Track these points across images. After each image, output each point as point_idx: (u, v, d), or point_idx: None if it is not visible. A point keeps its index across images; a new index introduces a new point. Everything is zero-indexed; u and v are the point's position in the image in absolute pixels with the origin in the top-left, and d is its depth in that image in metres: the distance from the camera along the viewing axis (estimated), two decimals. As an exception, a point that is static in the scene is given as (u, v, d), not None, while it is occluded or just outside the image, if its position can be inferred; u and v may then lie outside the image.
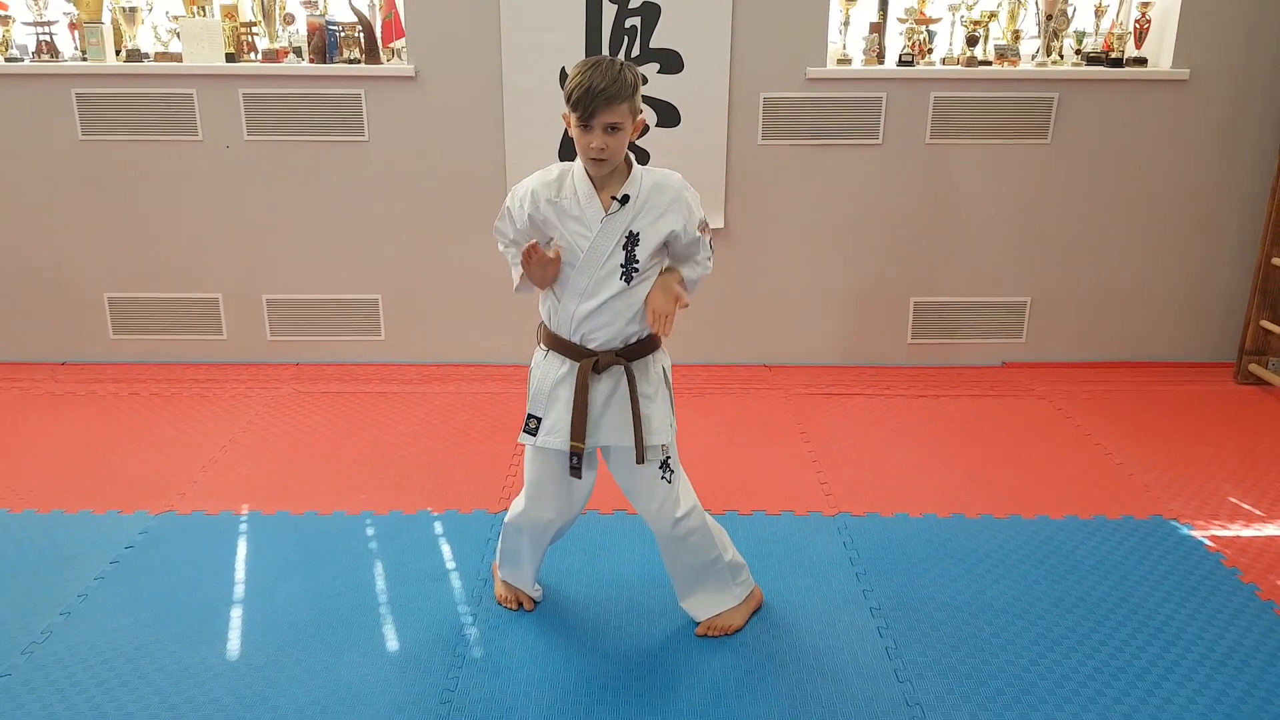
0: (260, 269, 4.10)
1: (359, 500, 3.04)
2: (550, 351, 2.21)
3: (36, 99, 3.85)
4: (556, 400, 2.19)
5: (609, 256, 2.09)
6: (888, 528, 2.90)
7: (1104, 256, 4.15)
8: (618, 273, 2.10)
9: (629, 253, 2.09)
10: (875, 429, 3.61)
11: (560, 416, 2.18)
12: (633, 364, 2.17)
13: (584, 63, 2.01)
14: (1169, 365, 4.26)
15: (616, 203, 2.08)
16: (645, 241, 2.10)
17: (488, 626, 2.42)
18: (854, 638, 2.38)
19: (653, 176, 2.13)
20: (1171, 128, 3.98)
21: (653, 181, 2.12)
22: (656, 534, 2.31)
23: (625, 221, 2.09)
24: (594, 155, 2.03)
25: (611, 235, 2.09)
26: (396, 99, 3.88)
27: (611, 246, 2.09)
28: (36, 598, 2.52)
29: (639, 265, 2.10)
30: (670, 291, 2.12)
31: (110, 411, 3.70)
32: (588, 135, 2.01)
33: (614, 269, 2.10)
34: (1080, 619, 2.47)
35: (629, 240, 2.09)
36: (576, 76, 1.99)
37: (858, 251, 4.11)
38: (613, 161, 2.06)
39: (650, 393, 2.19)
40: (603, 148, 2.01)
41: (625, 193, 2.08)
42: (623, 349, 2.16)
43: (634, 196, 2.09)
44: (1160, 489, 3.17)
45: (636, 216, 2.09)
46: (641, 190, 2.09)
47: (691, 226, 2.13)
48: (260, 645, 2.34)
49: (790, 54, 3.85)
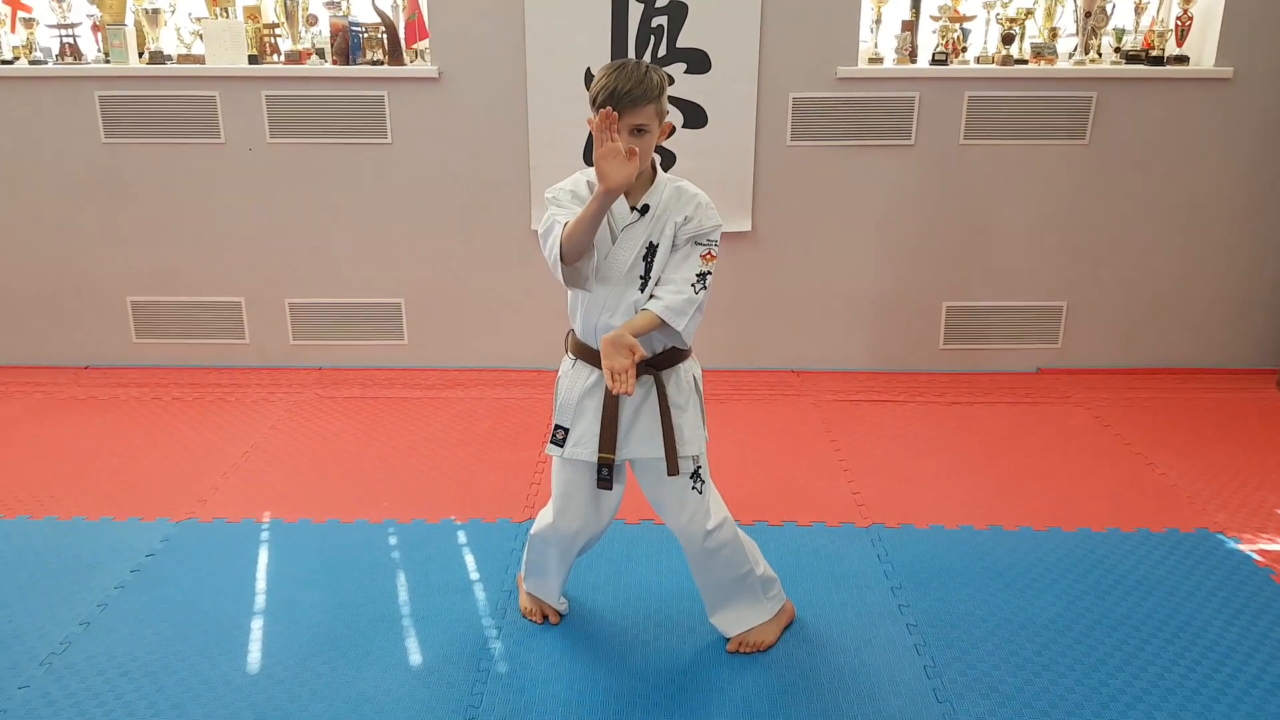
0: (283, 273, 4.07)
1: (381, 508, 2.99)
2: (578, 361, 2.16)
3: (60, 102, 3.84)
4: (584, 411, 2.13)
5: (629, 268, 2.05)
6: (923, 539, 2.82)
7: (1142, 260, 4.04)
8: (637, 284, 2.06)
9: (648, 263, 2.05)
10: (907, 437, 3.52)
11: (588, 427, 2.13)
12: (663, 373, 2.11)
13: (609, 65, 1.97)
14: (1209, 372, 4.14)
15: (636, 213, 2.04)
16: (662, 250, 2.05)
17: (512, 640, 2.35)
18: (891, 655, 2.30)
19: (676, 184, 2.08)
20: (1214, 128, 3.86)
21: (675, 188, 2.07)
22: (686, 547, 2.24)
23: (644, 232, 2.04)
24: None
25: (631, 246, 2.05)
26: (420, 101, 3.83)
27: (631, 258, 2.05)
28: (56, 607, 2.49)
29: (653, 277, 2.05)
30: (621, 344, 1.94)
31: (132, 416, 3.67)
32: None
33: (634, 280, 2.06)
34: (1126, 636, 2.38)
35: (648, 251, 2.05)
36: (601, 79, 1.95)
37: (889, 254, 4.03)
38: (640, 165, 1.99)
39: (682, 402, 2.13)
40: (630, 151, 1.95)
41: (645, 202, 2.04)
42: (651, 358, 2.10)
43: (654, 206, 2.04)
44: (1205, 500, 3.06)
45: (655, 226, 2.05)
46: (662, 199, 2.05)
47: (695, 229, 2.03)
48: (281, 658, 2.29)
49: (820, 53, 3.77)
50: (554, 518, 2.27)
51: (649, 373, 2.10)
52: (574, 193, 2.07)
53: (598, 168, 1.89)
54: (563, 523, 2.25)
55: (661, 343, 2.11)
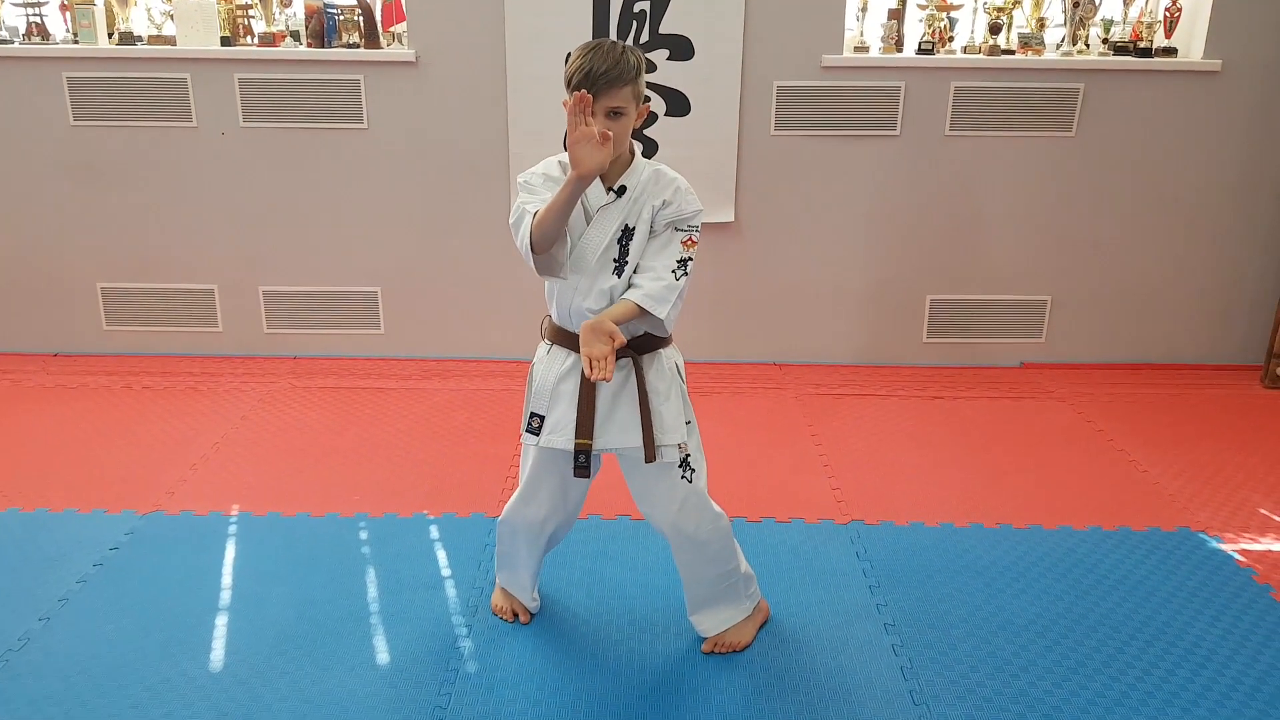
0: (256, 260, 3.99)
1: (353, 502, 2.93)
2: (554, 346, 2.10)
3: (26, 83, 3.74)
4: (560, 396, 2.06)
5: (604, 250, 1.98)
6: (902, 536, 2.78)
7: (1128, 254, 4.01)
8: (610, 266, 1.99)
9: (622, 246, 1.99)
10: (889, 431, 3.48)
11: (564, 413, 2.05)
12: (642, 357, 2.05)
13: (584, 45, 1.91)
14: (1194, 367, 4.12)
15: (612, 194, 1.98)
16: (639, 234, 1.98)
17: (483, 639, 2.30)
18: (867, 655, 2.27)
19: (654, 167, 2.03)
20: (1202, 121, 3.83)
21: (653, 171, 2.02)
22: (674, 540, 2.17)
23: (620, 214, 1.98)
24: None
25: (606, 228, 1.98)
26: (397, 85, 3.76)
27: (606, 240, 1.98)
28: (15, 602, 2.42)
29: (629, 260, 1.99)
30: (601, 330, 1.89)
31: (101, 405, 3.59)
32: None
33: (607, 262, 1.99)
34: (1106, 638, 2.35)
35: (624, 234, 1.99)
36: (576, 60, 1.89)
37: (873, 247, 3.98)
38: (616, 149, 1.93)
39: (663, 388, 2.06)
40: (605, 133, 1.89)
41: (622, 183, 1.98)
42: (631, 340, 2.03)
43: (631, 188, 1.98)
44: (1186, 498, 3.04)
45: (632, 209, 1.99)
46: (640, 182, 1.99)
47: (675, 214, 1.98)
48: (245, 656, 2.23)
49: (805, 41, 3.71)
50: (519, 502, 2.23)
51: (628, 356, 2.03)
52: (546, 175, 2.01)
53: (571, 153, 1.84)
54: (530, 510, 2.21)
55: (642, 327, 2.04)
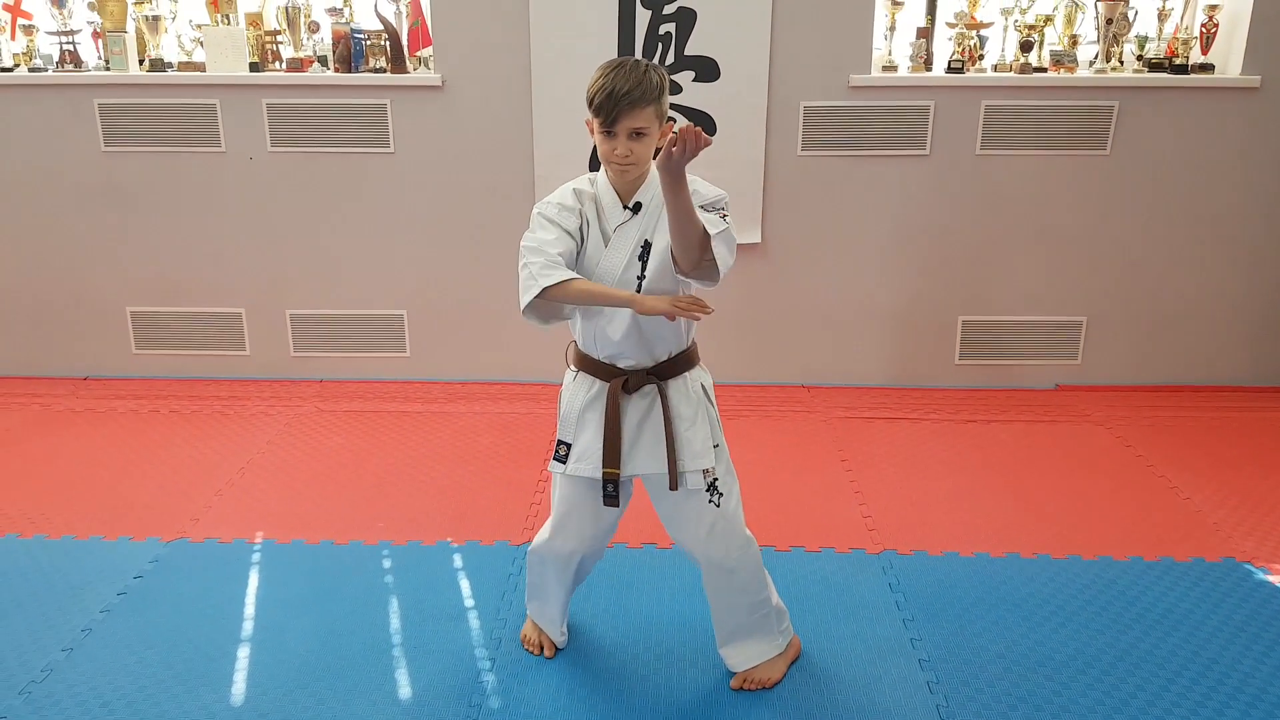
0: (283, 283, 4.00)
1: (376, 529, 2.90)
2: (580, 373, 2.06)
3: (59, 110, 3.78)
4: (586, 424, 2.03)
5: (624, 268, 1.94)
6: (936, 567, 2.71)
7: (1165, 274, 3.92)
8: (633, 285, 1.94)
9: (643, 263, 1.94)
10: (921, 456, 3.41)
11: (590, 442, 2.02)
12: (667, 383, 2.01)
13: (606, 65, 1.88)
14: (1235, 389, 4.01)
15: (629, 212, 1.94)
16: (658, 247, 1.93)
17: (506, 673, 2.26)
18: (902, 693, 2.20)
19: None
20: (1240, 138, 3.74)
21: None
22: (705, 567, 2.12)
23: (638, 230, 1.94)
24: (618, 162, 1.89)
25: (624, 247, 1.95)
26: (423, 109, 3.76)
27: (626, 257, 1.94)
28: (39, 632, 2.41)
29: (648, 277, 1.94)
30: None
31: (129, 430, 3.60)
32: (611, 141, 1.88)
33: (630, 282, 1.94)
34: (1150, 675, 2.26)
35: (644, 250, 1.94)
36: (598, 79, 1.86)
37: (903, 267, 3.92)
38: (638, 169, 1.92)
39: (689, 414, 2.01)
40: (627, 154, 1.88)
41: (637, 200, 1.94)
42: (654, 367, 2.00)
43: (645, 203, 1.94)
44: (1231, 527, 2.94)
45: (648, 222, 1.94)
46: (655, 194, 1.92)
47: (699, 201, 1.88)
48: (266, 689, 2.21)
49: (832, 61, 3.67)
50: (550, 534, 2.19)
51: (651, 381, 2.00)
52: (561, 206, 1.97)
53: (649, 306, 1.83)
54: (559, 541, 2.17)
55: (666, 351, 2.01)
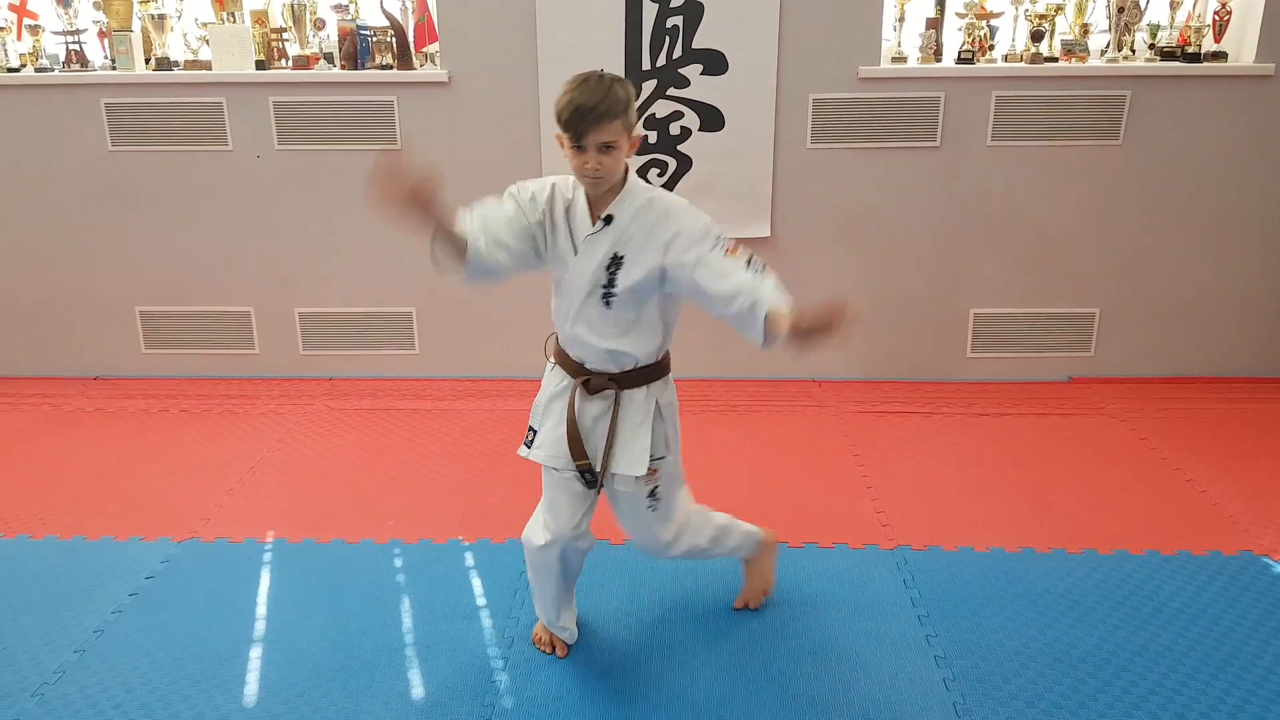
0: (292, 281, 3.99)
1: (387, 527, 2.90)
2: (555, 365, 2.17)
3: (66, 109, 3.77)
4: (550, 414, 2.16)
5: (591, 276, 2.00)
6: (951, 563, 2.69)
7: (1179, 265, 3.88)
8: (599, 294, 2.02)
9: (610, 275, 1.99)
10: (934, 450, 3.39)
11: (550, 430, 2.14)
12: (623, 391, 2.08)
13: (572, 80, 1.92)
14: (1251, 381, 3.97)
15: (601, 223, 1.99)
16: (629, 267, 1.98)
17: (519, 672, 2.25)
18: (918, 690, 2.18)
19: (647, 195, 2.01)
20: (1254, 127, 3.70)
21: (646, 199, 2.00)
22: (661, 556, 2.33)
23: (608, 243, 1.99)
24: (589, 175, 1.94)
25: (593, 256, 2.00)
26: (430, 105, 3.74)
27: (593, 268, 2.00)
28: (51, 633, 2.41)
29: (617, 291, 1.99)
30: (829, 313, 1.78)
31: (139, 429, 3.60)
32: (581, 156, 1.92)
33: (595, 291, 2.01)
34: (1168, 671, 2.24)
35: (612, 262, 1.99)
36: (565, 96, 1.90)
37: (914, 260, 3.89)
38: (609, 180, 1.97)
39: (636, 420, 2.09)
40: (597, 167, 1.92)
41: (609, 213, 1.99)
42: (617, 374, 2.08)
43: (619, 216, 1.98)
44: (1248, 520, 2.91)
45: (623, 238, 1.98)
46: (631, 209, 1.98)
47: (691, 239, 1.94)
48: (278, 690, 2.20)
49: (841, 52, 3.64)
50: (537, 527, 2.24)
51: (610, 387, 2.08)
52: (534, 196, 2.03)
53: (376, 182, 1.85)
54: (544, 531, 2.21)
55: (633, 360, 2.07)
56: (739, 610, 2.46)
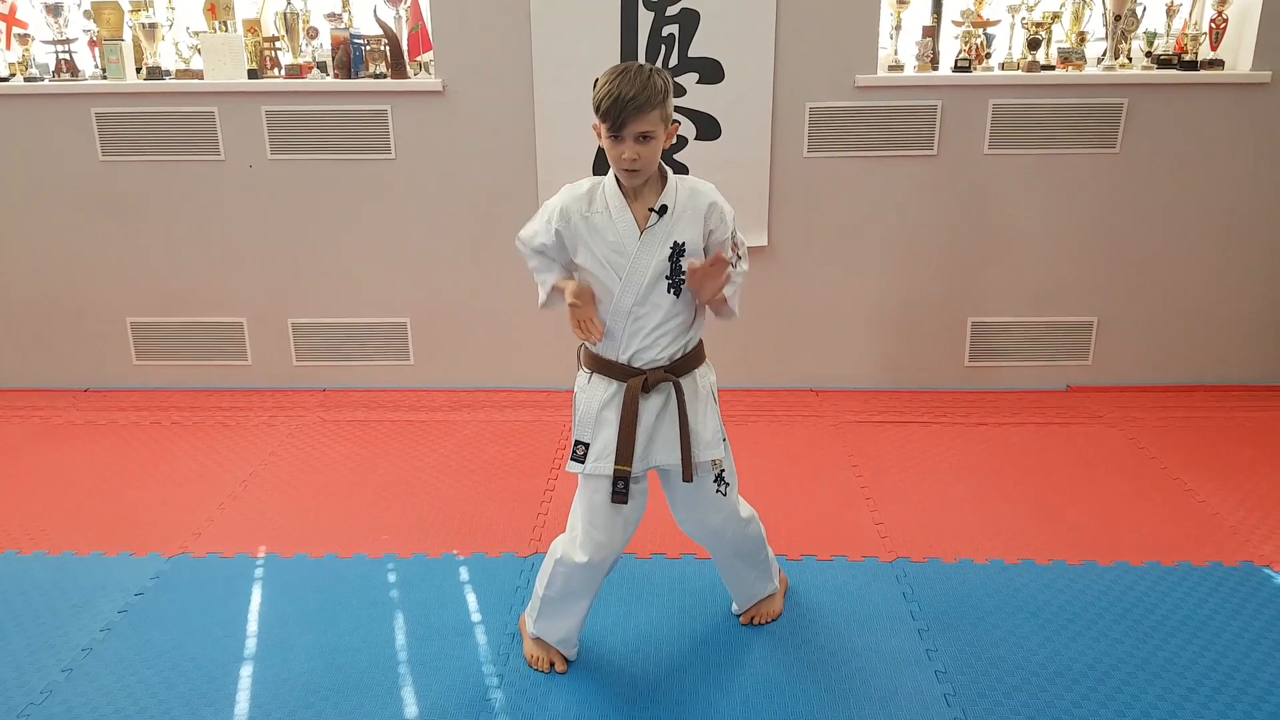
0: (285, 292, 3.96)
1: (381, 542, 2.86)
2: (594, 374, 2.10)
3: (56, 119, 3.74)
4: (604, 424, 2.08)
5: (655, 269, 2.00)
6: (950, 575, 2.66)
7: (1177, 272, 3.87)
8: (664, 286, 2.01)
9: (674, 264, 2.00)
10: (932, 461, 3.36)
11: (609, 440, 2.07)
12: (681, 379, 2.08)
13: (611, 70, 1.93)
14: (1250, 389, 3.95)
15: (654, 214, 1.99)
16: (689, 253, 2.01)
17: (515, 690, 2.22)
18: (919, 707, 2.15)
19: (688, 184, 2.05)
20: (1251, 134, 3.69)
21: (689, 189, 2.04)
22: (714, 548, 2.31)
23: (666, 232, 2.00)
24: (626, 166, 1.94)
25: (653, 248, 2.00)
26: (424, 114, 3.72)
27: (658, 260, 2.00)
28: (38, 651, 2.37)
29: (685, 278, 2.01)
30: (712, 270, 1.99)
31: (130, 442, 3.57)
32: (619, 146, 1.93)
33: (661, 282, 2.01)
34: (1171, 685, 2.22)
35: (675, 251, 2.00)
36: (604, 85, 1.91)
37: (910, 268, 3.87)
38: (646, 172, 1.97)
39: (700, 408, 2.09)
40: (635, 158, 1.93)
41: (663, 203, 2.00)
42: (669, 365, 2.06)
43: (672, 205, 2.00)
44: (1249, 530, 2.89)
45: (677, 225, 2.00)
46: (679, 198, 2.01)
47: (723, 233, 2.05)
48: (269, 710, 2.16)
49: (838, 61, 3.63)
50: (580, 543, 2.15)
51: (668, 379, 2.05)
52: (564, 209, 2.05)
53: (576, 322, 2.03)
54: (590, 548, 2.13)
55: (681, 348, 2.07)
56: (739, 624, 2.44)
